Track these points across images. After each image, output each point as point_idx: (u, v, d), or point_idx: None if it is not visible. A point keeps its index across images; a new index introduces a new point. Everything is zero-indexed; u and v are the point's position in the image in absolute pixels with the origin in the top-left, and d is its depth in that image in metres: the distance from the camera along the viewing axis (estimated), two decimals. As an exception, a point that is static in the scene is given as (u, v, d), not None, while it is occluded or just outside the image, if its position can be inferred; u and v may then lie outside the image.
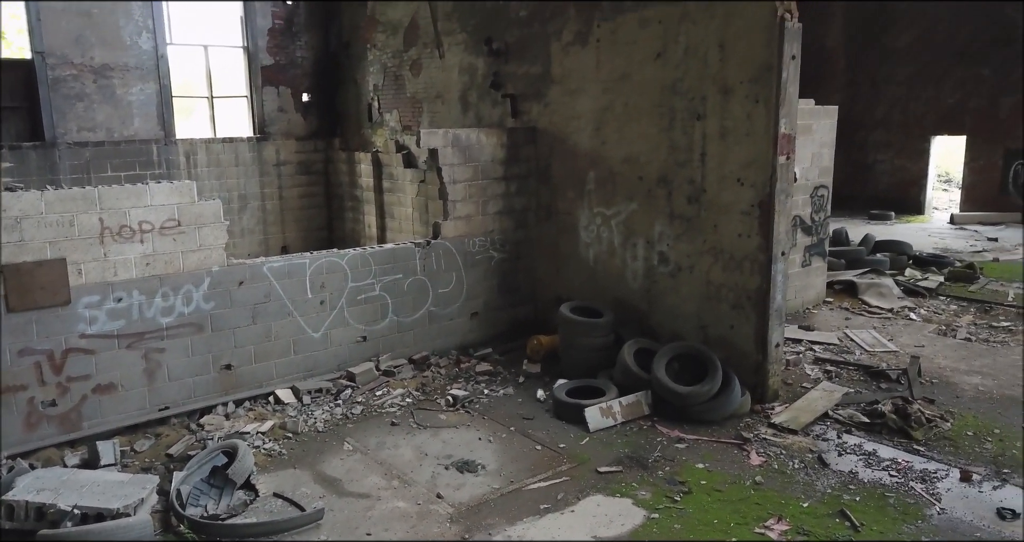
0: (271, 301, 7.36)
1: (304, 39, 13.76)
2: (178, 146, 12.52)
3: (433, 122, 11.50)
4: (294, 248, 13.57)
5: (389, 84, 12.54)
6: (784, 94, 6.64)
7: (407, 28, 11.81)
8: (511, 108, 9.75)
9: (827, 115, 10.29)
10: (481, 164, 8.90)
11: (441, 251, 8.57)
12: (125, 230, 6.44)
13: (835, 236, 12.72)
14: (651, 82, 7.82)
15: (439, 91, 11.30)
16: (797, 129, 7.08)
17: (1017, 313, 9.92)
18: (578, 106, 8.74)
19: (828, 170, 10.41)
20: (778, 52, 6.58)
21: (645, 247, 8.16)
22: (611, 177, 8.45)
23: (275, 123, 13.62)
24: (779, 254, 6.94)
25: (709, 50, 7.19)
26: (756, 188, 6.94)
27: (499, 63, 9.92)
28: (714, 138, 7.26)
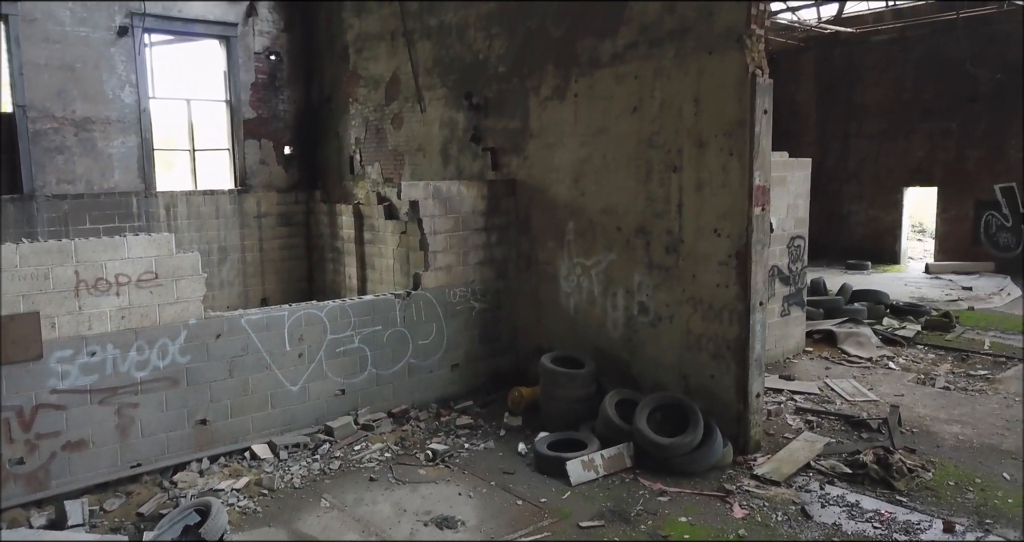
0: (248, 354, 7.27)
1: (287, 93, 13.93)
2: (158, 198, 12.51)
3: (414, 174, 11.61)
4: (274, 300, 13.48)
5: (371, 137, 12.68)
6: (757, 147, 6.78)
7: (389, 83, 12.00)
8: (491, 161, 9.88)
9: (801, 167, 10.50)
10: (462, 215, 8.95)
11: (421, 302, 8.55)
12: (101, 283, 6.38)
13: (813, 286, 12.85)
14: (628, 135, 7.97)
15: (420, 144, 11.44)
16: (772, 181, 7.21)
17: (994, 361, 10.00)
18: (557, 159, 8.87)
19: (804, 221, 10.57)
20: (750, 107, 6.75)
21: (625, 297, 8.20)
22: (590, 228, 8.53)
23: (257, 175, 13.68)
24: (757, 304, 6.99)
25: (684, 105, 7.36)
26: (733, 239, 7.03)
27: (479, 117, 10.09)
28: (690, 190, 7.37)
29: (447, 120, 10.76)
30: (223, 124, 13.61)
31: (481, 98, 10.01)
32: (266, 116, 13.73)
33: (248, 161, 13.57)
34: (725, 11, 6.90)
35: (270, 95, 13.74)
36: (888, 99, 18.87)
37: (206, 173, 13.68)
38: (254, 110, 13.58)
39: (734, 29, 6.83)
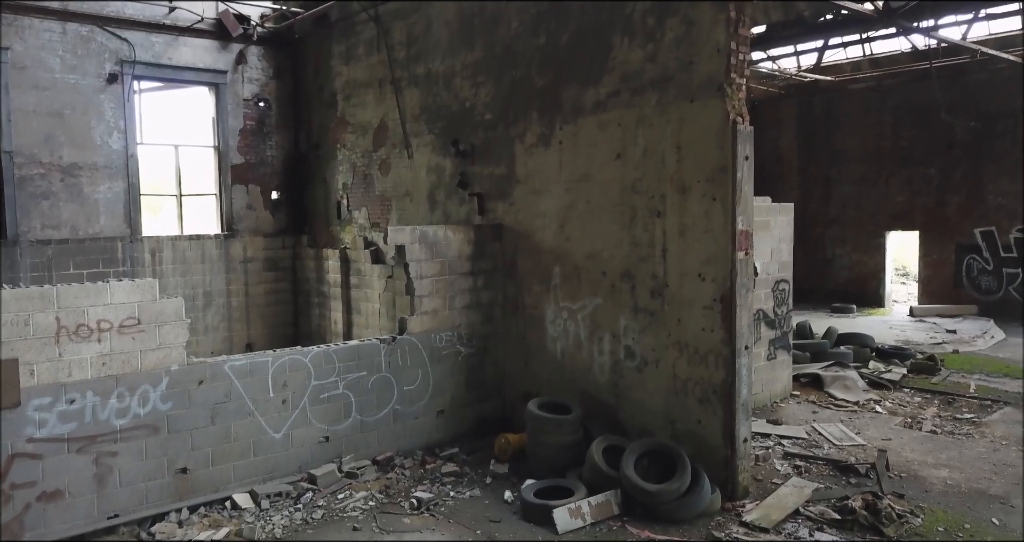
0: (231, 401, 7.18)
1: (275, 139, 14.06)
2: (144, 243, 12.49)
3: (401, 219, 11.66)
4: (259, 345, 13.38)
5: (358, 182, 12.76)
6: (740, 193, 6.87)
7: (376, 130, 12.14)
8: (478, 206, 9.95)
9: (783, 212, 10.63)
10: (448, 260, 8.98)
11: (407, 347, 8.51)
12: (82, 329, 6.32)
13: (799, 329, 12.89)
14: (612, 181, 8.06)
15: (408, 189, 11.52)
16: (755, 225, 7.30)
17: (980, 405, 10.01)
18: (542, 204, 8.95)
19: (788, 265, 10.65)
20: (732, 153, 6.86)
21: (611, 341, 8.19)
22: (576, 272, 8.56)
23: (243, 220, 13.71)
24: (742, 348, 7.00)
25: (666, 151, 7.47)
26: (717, 283, 7.07)
27: (466, 163, 10.19)
28: (674, 235, 7.44)
29: (434, 166, 10.86)
30: (211, 169, 13.69)
31: (468, 145, 10.13)
32: (254, 162, 13.82)
33: (235, 206, 13.60)
34: (705, 61, 7.07)
35: (258, 141, 13.85)
36: (868, 145, 19.22)
37: (193, 218, 13.71)
38: (242, 156, 13.67)
39: (714, 78, 6.98)
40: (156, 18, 12.44)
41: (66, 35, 11.62)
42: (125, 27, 12.13)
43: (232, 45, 13.36)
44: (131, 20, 12.18)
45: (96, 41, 11.91)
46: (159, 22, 12.48)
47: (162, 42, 12.57)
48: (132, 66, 12.20)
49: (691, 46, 7.19)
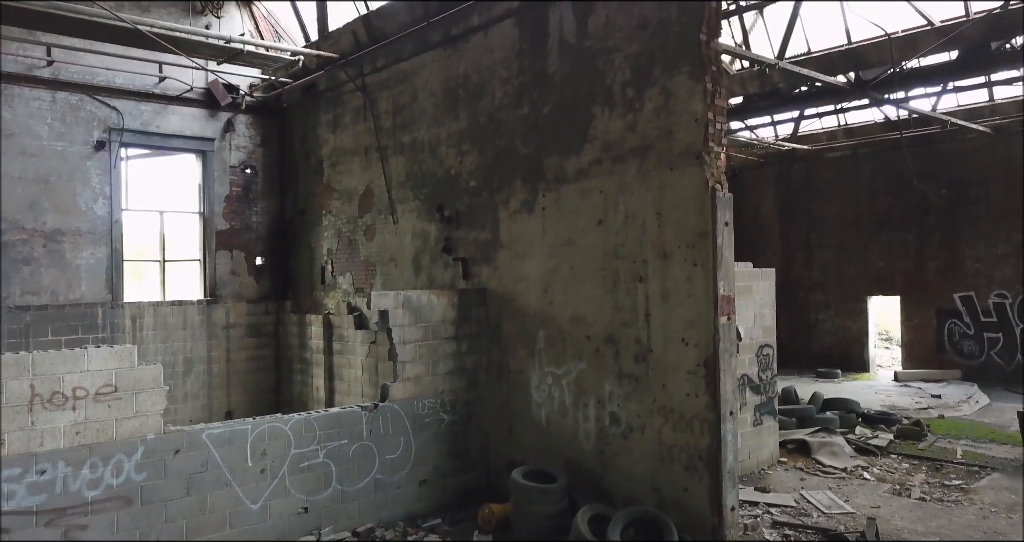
0: (208, 470, 7.00)
1: (260, 205, 14.15)
2: (125, 309, 12.38)
3: (386, 284, 11.66)
4: (239, 412, 13.14)
5: (343, 248, 12.81)
6: (720, 258, 6.95)
7: (362, 196, 12.26)
8: (462, 271, 9.98)
9: (765, 277, 10.72)
10: (432, 325, 8.94)
11: (389, 414, 8.38)
12: (57, 397, 6.19)
13: (784, 395, 12.84)
14: (594, 247, 8.13)
15: (392, 254, 11.56)
16: (737, 290, 7.35)
17: (967, 471, 9.93)
18: (526, 269, 8.99)
19: (771, 329, 10.68)
20: (712, 219, 6.96)
21: (596, 407, 8.12)
22: (560, 336, 8.55)
23: (227, 286, 13.66)
24: (728, 413, 6.95)
25: (647, 217, 7.58)
26: (700, 348, 7.07)
27: (451, 229, 10.27)
28: (657, 300, 7.47)
29: (419, 231, 10.93)
30: (195, 235, 13.71)
31: (453, 210, 10.23)
32: (239, 227, 13.87)
33: (219, 272, 13.58)
34: (684, 130, 7.24)
35: (244, 207, 13.93)
36: (846, 211, 19.57)
37: (176, 284, 13.65)
38: (227, 222, 13.72)
39: (693, 147, 7.15)
40: (146, 87, 12.66)
41: (55, 103, 11.79)
42: (115, 96, 12.33)
43: (220, 113, 13.58)
44: (121, 89, 12.40)
45: (85, 109, 12.07)
46: (149, 91, 12.70)
47: (151, 110, 12.76)
48: (120, 133, 12.34)
49: (670, 116, 7.38)
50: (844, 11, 12.69)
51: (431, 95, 10.65)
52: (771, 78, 13.04)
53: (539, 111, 8.89)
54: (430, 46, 10.57)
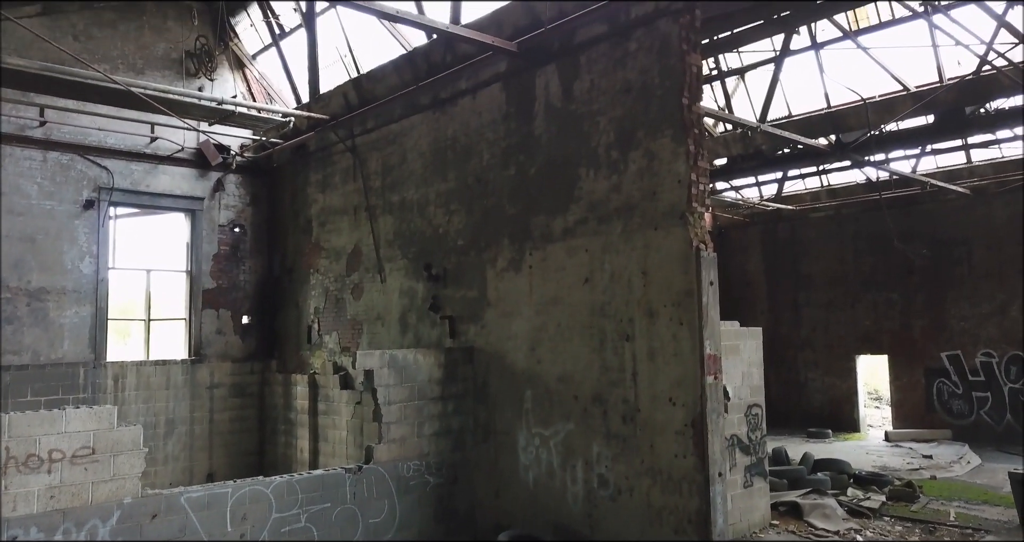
0: (186, 536, 6.81)
1: (248, 264, 14.14)
2: (107, 369, 12.22)
3: (372, 343, 11.59)
4: (220, 475, 12.85)
5: (330, 307, 12.76)
6: (706, 317, 6.96)
7: (350, 254, 12.29)
8: (449, 329, 9.95)
9: (752, 336, 10.70)
10: (418, 384, 8.86)
11: (373, 477, 8.22)
12: (33, 459, 6.06)
13: (775, 455, 12.69)
14: (581, 305, 8.15)
15: (379, 313, 11.53)
16: (725, 349, 7.35)
17: (961, 532, 9.77)
18: (514, 327, 8.98)
19: (759, 389, 10.61)
20: (697, 278, 7.01)
21: (584, 468, 7.99)
22: (548, 395, 8.47)
23: (212, 345, 13.53)
24: (716, 474, 6.86)
25: (633, 276, 7.62)
26: (688, 407, 7.02)
27: (438, 287, 10.28)
28: (644, 358, 7.45)
29: (407, 290, 10.93)
30: (182, 294, 13.64)
31: (440, 269, 10.26)
32: (226, 286, 13.82)
33: (205, 330, 13.47)
34: (668, 191, 7.35)
35: (231, 266, 13.92)
36: (832, 270, 19.73)
37: (160, 343, 13.52)
38: (214, 280, 13.69)
39: (677, 207, 7.24)
40: (137, 147, 12.79)
41: (46, 163, 11.87)
42: (106, 155, 12.44)
43: (211, 173, 13.69)
44: (112, 149, 12.51)
45: (75, 169, 12.16)
46: (140, 151, 12.82)
47: (141, 170, 12.86)
48: (110, 193, 12.41)
49: (654, 177, 7.50)
50: (823, 77, 13.06)
51: (420, 156, 10.80)
52: (754, 140, 13.32)
53: (526, 172, 9.02)
54: (419, 109, 10.77)
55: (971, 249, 17.20)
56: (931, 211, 17.71)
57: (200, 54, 13.60)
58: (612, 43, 8.05)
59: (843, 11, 10.46)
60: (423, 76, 10.39)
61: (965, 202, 16.89)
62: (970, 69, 11.01)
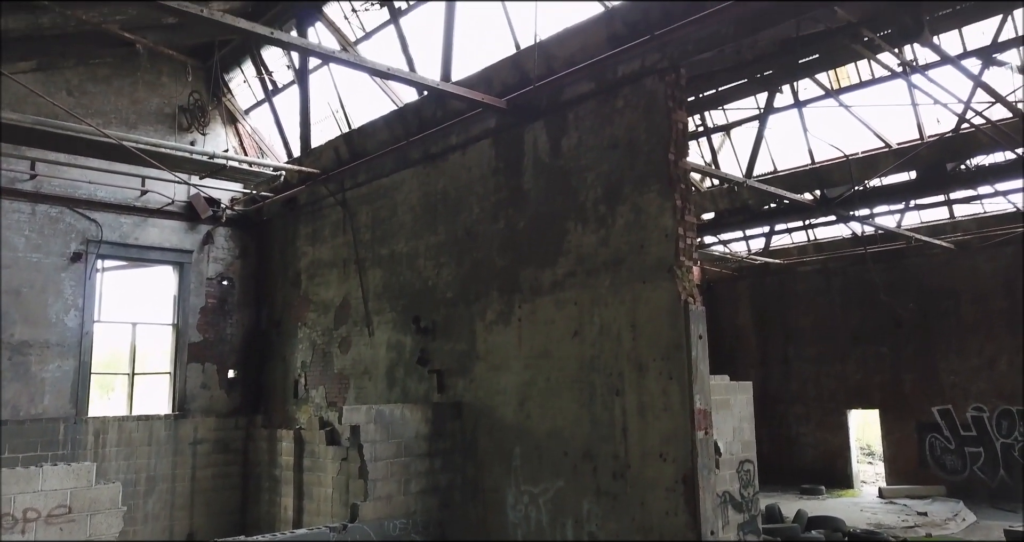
0: (161, 599, 6.58)
1: (236, 317, 14.04)
2: (88, 424, 11.98)
3: (359, 397, 11.44)
4: (202, 534, 12.50)
5: (317, 360, 12.64)
6: (696, 371, 6.92)
7: (339, 307, 12.23)
8: (437, 383, 9.85)
9: (743, 390, 10.64)
10: (404, 440, 8.72)
11: (358, 536, 8.01)
12: (6, 519, 5.88)
13: (768, 512, 12.49)
14: (570, 359, 8.10)
15: (367, 367, 11.42)
16: (715, 404, 7.28)
17: (961, 593, 9.56)
18: (502, 381, 8.89)
19: (751, 444, 10.50)
20: (686, 332, 6.99)
21: (574, 527, 7.82)
22: (537, 452, 8.34)
23: (196, 399, 13.32)
24: (708, 533, 6.72)
25: (622, 330, 7.59)
26: (678, 463, 6.91)
27: (426, 340, 10.21)
28: (633, 413, 7.37)
29: (395, 343, 10.85)
30: (167, 347, 13.50)
31: (429, 322, 10.21)
32: (212, 339, 13.69)
33: (189, 385, 13.27)
34: (655, 245, 7.39)
35: (219, 319, 13.81)
36: (821, 324, 19.76)
37: (144, 397, 13.30)
38: (201, 334, 13.56)
39: (664, 261, 7.27)
40: (127, 200, 12.81)
41: (35, 216, 11.86)
42: (95, 208, 12.45)
43: (200, 226, 13.71)
44: (102, 202, 12.53)
45: (64, 221, 12.15)
46: (129, 204, 12.84)
47: (130, 223, 12.86)
48: (98, 245, 12.37)
49: (641, 231, 7.55)
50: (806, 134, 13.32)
51: (410, 209, 10.86)
52: (741, 195, 13.49)
53: (515, 225, 9.07)
54: (410, 163, 10.88)
55: (958, 303, 17.30)
56: (917, 265, 17.87)
57: (193, 109, 13.77)
58: (599, 100, 8.20)
59: (824, 71, 10.71)
60: (414, 131, 10.52)
61: (950, 256, 17.06)
62: (949, 127, 11.27)
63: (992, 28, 9.89)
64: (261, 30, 7.01)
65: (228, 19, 6.80)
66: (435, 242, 10.32)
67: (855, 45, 7.40)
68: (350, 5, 11.90)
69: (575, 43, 8.35)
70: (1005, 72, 10.38)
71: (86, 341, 12.16)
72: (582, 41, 8.27)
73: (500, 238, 9.26)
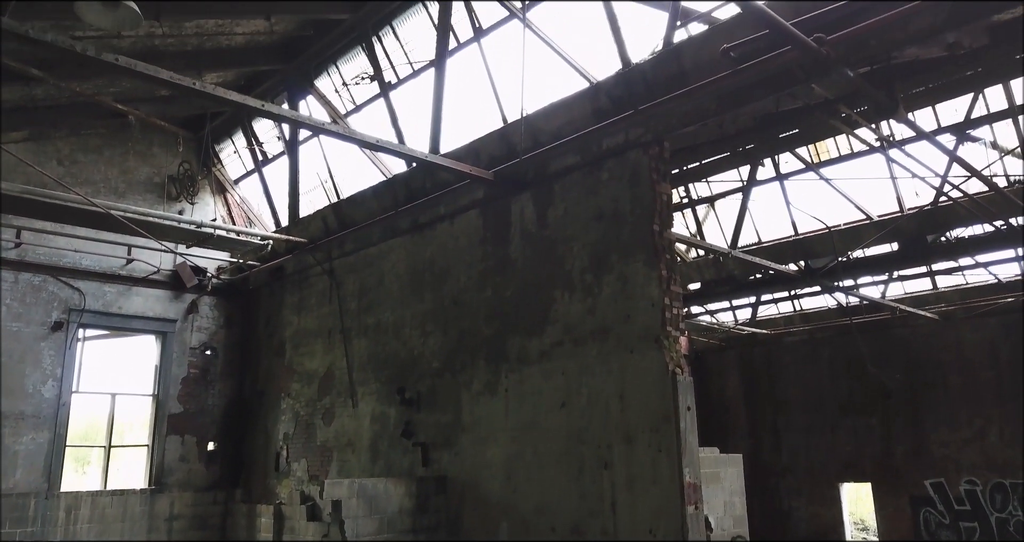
0: None
1: (218, 387, 13.80)
2: (60, 500, 11.58)
3: (342, 471, 11.16)
4: (172, 617, 11.95)
5: (300, 432, 12.38)
6: (684, 443, 6.81)
7: (323, 377, 12.06)
8: (422, 456, 9.63)
9: (733, 463, 10.49)
10: (388, 516, 8.46)
11: (337, 618, 7.67)
12: (-35, 600, 5.59)
13: (762, 591, 12.11)
14: (558, 430, 7.96)
15: (350, 439, 11.18)
16: (705, 477, 7.15)
17: None
18: (488, 453, 8.71)
19: (743, 519, 10.28)
20: (674, 403, 6.91)
21: (562, 608, 7.52)
22: (524, 527, 8.10)
23: (174, 473, 12.93)
24: (702, 614, 6.48)
25: (610, 400, 7.50)
26: (669, 539, 6.71)
27: (411, 412, 10.04)
28: (623, 487, 7.21)
29: (379, 415, 10.66)
30: (146, 418, 13.20)
31: (414, 392, 10.06)
32: (193, 410, 13.41)
33: (168, 457, 12.92)
34: (642, 315, 7.39)
35: (200, 389, 13.57)
36: (810, 395, 19.61)
37: (121, 470, 12.92)
38: (182, 405, 13.29)
39: (651, 331, 7.25)
40: (112, 269, 12.75)
41: (17, 284, 11.76)
42: (79, 277, 12.37)
43: (185, 295, 13.61)
44: (86, 270, 12.46)
45: (47, 290, 12.04)
46: (114, 273, 12.77)
47: (114, 292, 12.77)
48: (80, 314, 12.24)
49: (628, 301, 7.55)
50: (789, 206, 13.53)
51: (397, 278, 10.85)
52: (726, 265, 13.60)
53: (502, 294, 9.06)
54: (398, 232, 10.94)
55: (945, 374, 17.25)
56: (904, 336, 17.89)
57: (183, 179, 13.87)
58: (585, 172, 8.34)
59: (804, 145, 10.98)
60: (402, 201, 10.61)
61: (936, 327, 17.10)
62: (928, 199, 11.49)
63: (964, 105, 10.22)
64: (252, 102, 7.13)
65: (220, 92, 6.92)
66: (421, 311, 10.28)
67: (833, 120, 7.60)
68: (341, 79, 12.17)
69: (561, 117, 8.53)
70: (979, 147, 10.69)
71: (63, 412, 11.88)
72: (568, 115, 8.46)
73: (487, 307, 9.24)
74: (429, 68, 10.59)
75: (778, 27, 5.59)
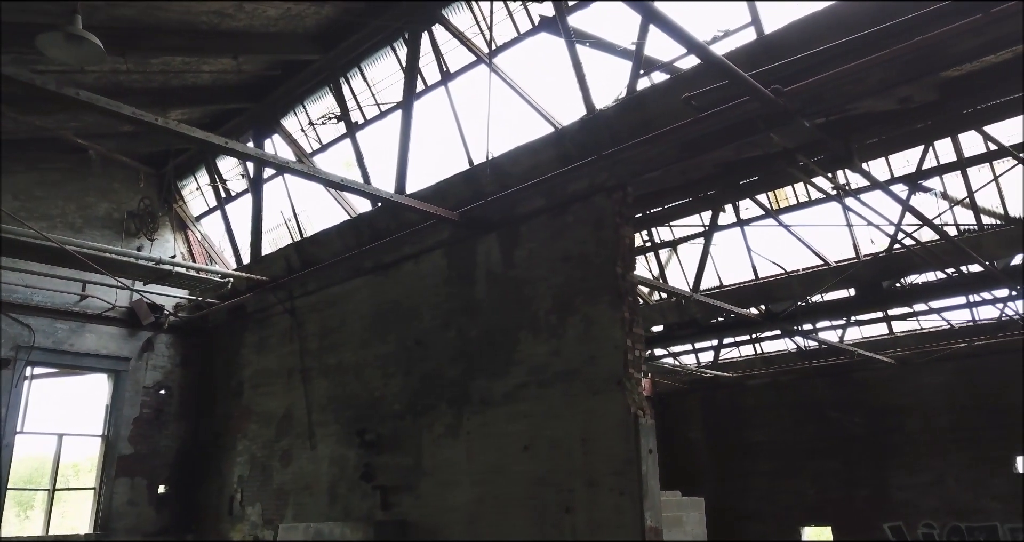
0: None
1: (172, 428, 13.40)
2: (-1, 546, 11.06)
3: (298, 515, 10.86)
4: None
5: (256, 475, 12.04)
6: (646, 486, 6.77)
7: (281, 418, 11.80)
8: (381, 500, 9.43)
9: (694, 507, 10.39)
10: (344, 563, 8.22)
11: None
12: None
13: (725, 639, 11.95)
14: (521, 474, 7.87)
15: (308, 482, 10.91)
16: (665, 521, 7.08)
17: None
18: (451, 498, 8.56)
19: (705, 565, 10.17)
20: (636, 446, 6.88)
21: None
22: (484, 576, 7.93)
23: (123, 518, 12.44)
24: None
25: (574, 444, 7.45)
26: (632, 587, 6.63)
27: (371, 454, 9.85)
28: (585, 532, 7.12)
29: (338, 457, 10.44)
30: (95, 461, 12.74)
31: (374, 435, 9.88)
32: (145, 452, 12.97)
33: (115, 501, 12.44)
34: (606, 357, 7.39)
35: (153, 430, 13.16)
36: (774, 439, 19.67)
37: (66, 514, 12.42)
38: (133, 446, 12.86)
39: (615, 373, 7.25)
40: (65, 305, 12.41)
41: (-35, 320, 11.38)
42: (30, 313, 11.99)
43: (141, 332, 13.28)
44: (38, 307, 12.10)
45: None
46: (67, 309, 12.42)
47: (67, 328, 12.41)
48: (28, 352, 11.85)
49: (592, 342, 7.56)
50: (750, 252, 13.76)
51: (360, 318, 10.74)
52: (688, 309, 13.72)
53: (467, 335, 9.02)
54: (362, 272, 10.86)
55: (904, 419, 17.48)
56: (864, 380, 18.13)
57: (143, 215, 13.65)
58: (550, 215, 8.41)
59: (764, 192, 11.23)
60: (367, 241, 10.56)
61: (895, 371, 17.38)
62: (883, 246, 11.78)
63: (916, 157, 10.56)
64: (216, 139, 7.10)
65: (183, 128, 6.88)
66: (384, 352, 10.16)
67: (792, 169, 7.79)
68: (308, 118, 12.19)
69: (527, 161, 8.62)
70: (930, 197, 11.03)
71: (5, 454, 11.40)
72: (534, 159, 8.55)
73: (451, 348, 9.17)
74: (396, 110, 10.67)
75: (737, 78, 5.76)
